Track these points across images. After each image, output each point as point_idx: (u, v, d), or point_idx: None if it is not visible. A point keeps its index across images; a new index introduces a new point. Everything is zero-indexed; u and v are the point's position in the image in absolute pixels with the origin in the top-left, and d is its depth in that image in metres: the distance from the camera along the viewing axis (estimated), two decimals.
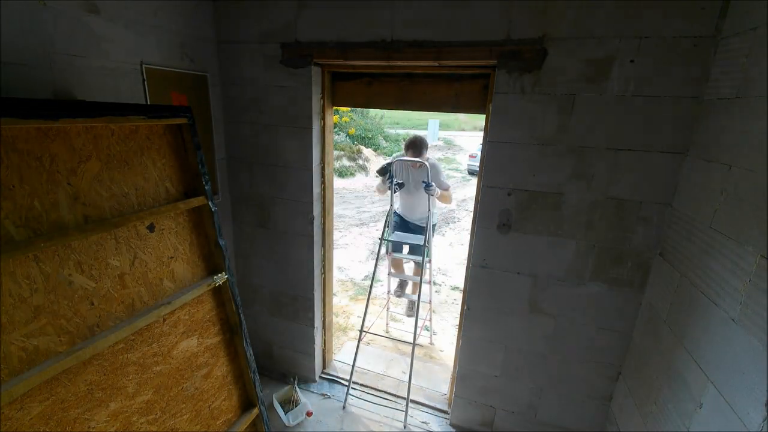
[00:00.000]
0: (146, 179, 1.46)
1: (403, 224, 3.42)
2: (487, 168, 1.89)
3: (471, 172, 12.83)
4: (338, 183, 10.46)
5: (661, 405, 1.54)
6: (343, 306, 4.05)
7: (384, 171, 3.00)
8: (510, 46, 1.70)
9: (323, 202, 2.41)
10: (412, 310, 3.53)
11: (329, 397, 2.62)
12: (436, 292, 4.67)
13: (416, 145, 2.93)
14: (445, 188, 3.00)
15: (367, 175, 11.79)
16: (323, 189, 2.40)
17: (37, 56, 1.41)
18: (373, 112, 16.90)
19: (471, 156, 13.07)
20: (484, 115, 1.94)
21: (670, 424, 1.46)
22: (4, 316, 1.05)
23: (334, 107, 2.35)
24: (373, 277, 2.72)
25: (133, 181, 1.41)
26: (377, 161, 12.80)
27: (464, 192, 10.49)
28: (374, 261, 5.49)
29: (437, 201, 3.02)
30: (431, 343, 3.43)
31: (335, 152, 11.32)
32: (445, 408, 2.52)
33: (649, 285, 1.77)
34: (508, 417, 2.24)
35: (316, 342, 2.63)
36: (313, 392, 2.66)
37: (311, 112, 2.15)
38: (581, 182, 1.75)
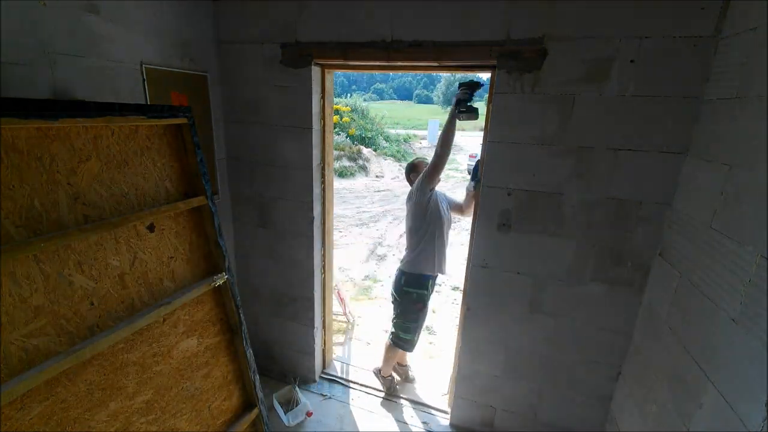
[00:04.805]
0: (146, 179, 1.46)
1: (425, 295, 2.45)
2: (487, 168, 1.89)
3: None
4: (338, 183, 10.45)
5: (661, 405, 1.54)
6: None
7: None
8: (510, 46, 1.70)
9: (323, 202, 2.41)
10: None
11: (329, 397, 2.62)
12: (436, 292, 4.66)
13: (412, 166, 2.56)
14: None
15: (367, 175, 11.79)
16: (323, 189, 2.40)
17: (37, 56, 1.41)
18: (373, 112, 16.91)
19: (471, 156, 13.08)
20: (484, 115, 1.94)
21: (670, 424, 1.46)
22: (4, 316, 1.05)
23: (334, 107, 2.34)
24: None
25: (133, 181, 1.41)
26: (377, 161, 12.80)
27: (464, 192, 10.48)
28: (374, 261, 5.52)
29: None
30: (431, 343, 3.43)
31: (335, 152, 11.31)
32: (445, 408, 2.52)
33: (649, 285, 1.76)
34: (508, 417, 2.24)
35: (316, 342, 2.63)
36: (313, 392, 2.66)
37: (311, 112, 2.15)
38: (581, 182, 1.75)
